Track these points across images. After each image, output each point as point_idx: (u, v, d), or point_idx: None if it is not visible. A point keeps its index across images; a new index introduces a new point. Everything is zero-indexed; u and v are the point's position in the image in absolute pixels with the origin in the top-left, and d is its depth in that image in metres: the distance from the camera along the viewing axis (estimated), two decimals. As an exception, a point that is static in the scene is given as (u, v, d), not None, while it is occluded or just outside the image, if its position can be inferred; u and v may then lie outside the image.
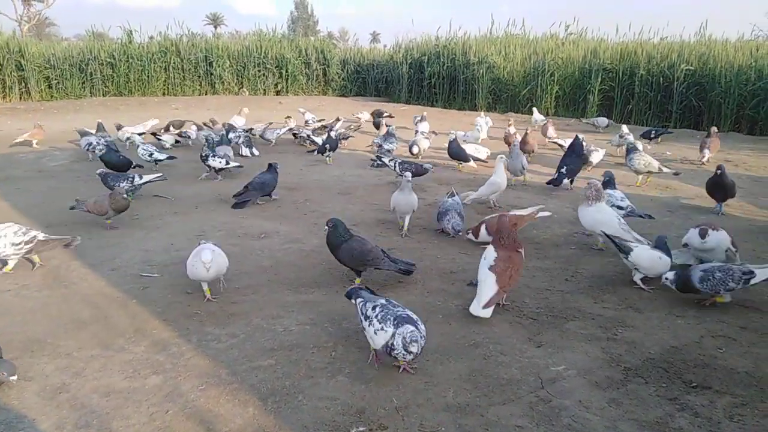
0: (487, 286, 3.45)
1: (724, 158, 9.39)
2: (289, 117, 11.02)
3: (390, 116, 12.21)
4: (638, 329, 3.41)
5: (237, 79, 20.00)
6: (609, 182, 5.53)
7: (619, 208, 5.09)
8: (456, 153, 7.94)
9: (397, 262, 4.05)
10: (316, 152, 8.82)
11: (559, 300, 3.84)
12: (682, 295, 3.74)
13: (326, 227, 4.00)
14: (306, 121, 11.56)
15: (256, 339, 3.26)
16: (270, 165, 6.39)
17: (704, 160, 8.52)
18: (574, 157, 6.96)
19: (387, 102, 18.93)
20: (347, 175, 7.84)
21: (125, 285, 4.00)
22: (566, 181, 6.87)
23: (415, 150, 8.39)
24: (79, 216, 5.69)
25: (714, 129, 9.19)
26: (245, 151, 8.87)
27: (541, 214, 5.02)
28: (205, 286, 3.78)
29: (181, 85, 19.17)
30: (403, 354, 2.72)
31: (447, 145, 8.02)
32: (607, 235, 4.25)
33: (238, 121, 10.69)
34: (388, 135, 8.92)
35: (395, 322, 2.77)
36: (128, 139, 8.96)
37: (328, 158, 8.64)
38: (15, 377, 2.73)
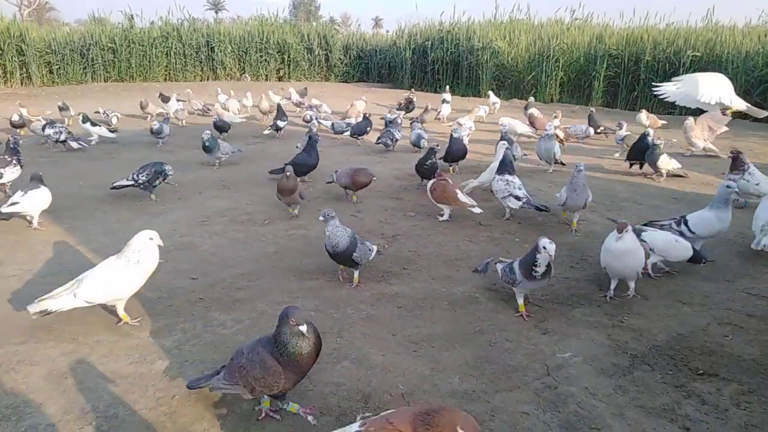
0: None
1: (731, 145, 9.32)
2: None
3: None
4: (644, 316, 3.39)
5: (239, 64, 19.89)
6: (504, 164, 5.29)
7: (516, 198, 5.06)
8: (459, 154, 6.91)
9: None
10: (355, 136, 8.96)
11: (564, 287, 3.83)
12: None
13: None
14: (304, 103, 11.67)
15: (262, 325, 3.26)
16: (310, 138, 6.45)
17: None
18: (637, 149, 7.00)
19: (390, 88, 18.81)
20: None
21: (130, 270, 3.99)
22: None
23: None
24: (80, 201, 5.69)
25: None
26: (75, 144, 8.12)
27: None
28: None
29: (182, 71, 19.08)
30: None
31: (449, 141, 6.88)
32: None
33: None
34: (393, 124, 8.84)
35: None
36: None
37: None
38: None
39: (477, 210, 5.02)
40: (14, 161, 5.60)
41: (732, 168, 5.67)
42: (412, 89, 15.60)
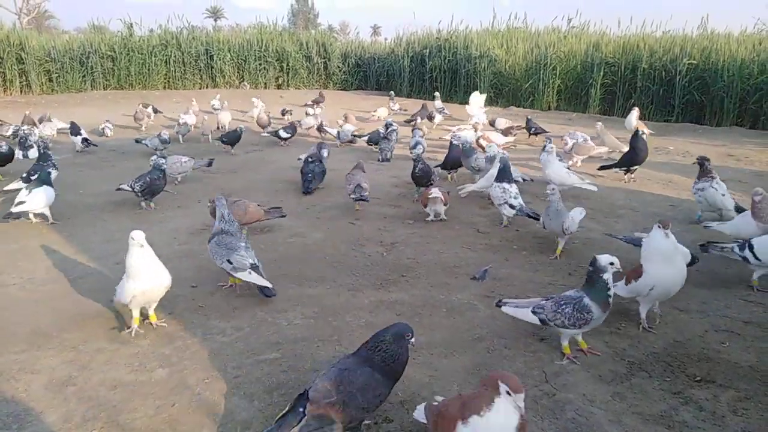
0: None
1: (726, 153, 9.37)
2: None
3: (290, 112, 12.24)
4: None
5: (238, 72, 19.94)
6: (504, 170, 5.35)
7: (511, 206, 5.14)
8: (458, 161, 6.96)
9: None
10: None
11: (562, 294, 3.84)
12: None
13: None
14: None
15: (261, 332, 3.27)
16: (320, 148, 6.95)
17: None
18: (631, 151, 7.02)
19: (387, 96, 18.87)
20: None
21: (130, 278, 4.00)
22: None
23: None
24: (80, 209, 5.71)
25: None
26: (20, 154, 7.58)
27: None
28: None
29: (182, 79, 19.11)
30: None
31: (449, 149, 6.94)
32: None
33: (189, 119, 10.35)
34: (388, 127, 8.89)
35: None
36: None
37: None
38: None
39: (437, 193, 5.31)
40: (50, 164, 5.99)
41: (700, 175, 5.42)
42: (392, 93, 15.39)
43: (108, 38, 18.46)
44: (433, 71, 18.00)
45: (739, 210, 5.01)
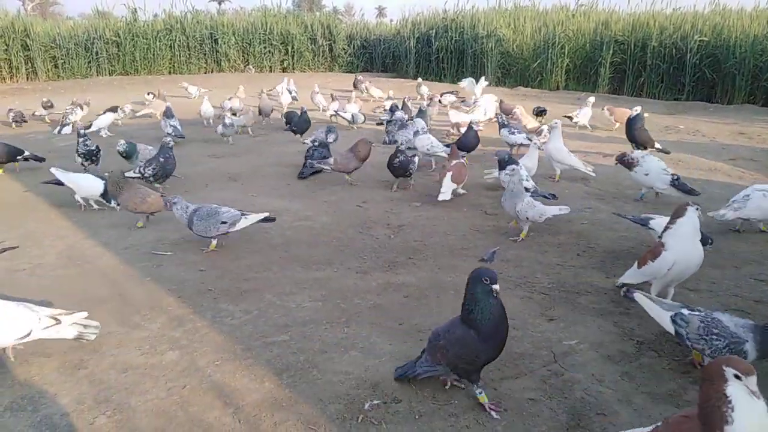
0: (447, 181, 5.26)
1: (738, 131, 9.24)
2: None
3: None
4: (651, 303, 3.39)
5: (243, 56, 19.86)
6: (510, 161, 5.28)
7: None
8: (474, 142, 6.88)
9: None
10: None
11: (571, 275, 3.83)
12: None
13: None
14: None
15: (270, 315, 3.29)
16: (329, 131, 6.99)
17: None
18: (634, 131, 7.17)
19: (394, 77, 18.74)
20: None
21: (139, 263, 4.04)
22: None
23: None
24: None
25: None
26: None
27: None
28: None
29: (186, 63, 19.07)
30: None
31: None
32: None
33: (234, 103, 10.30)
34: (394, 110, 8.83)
35: None
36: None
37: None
38: None
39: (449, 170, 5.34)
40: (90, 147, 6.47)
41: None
42: (358, 77, 14.17)
43: (112, 24, 18.44)
44: (439, 52, 17.84)
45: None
